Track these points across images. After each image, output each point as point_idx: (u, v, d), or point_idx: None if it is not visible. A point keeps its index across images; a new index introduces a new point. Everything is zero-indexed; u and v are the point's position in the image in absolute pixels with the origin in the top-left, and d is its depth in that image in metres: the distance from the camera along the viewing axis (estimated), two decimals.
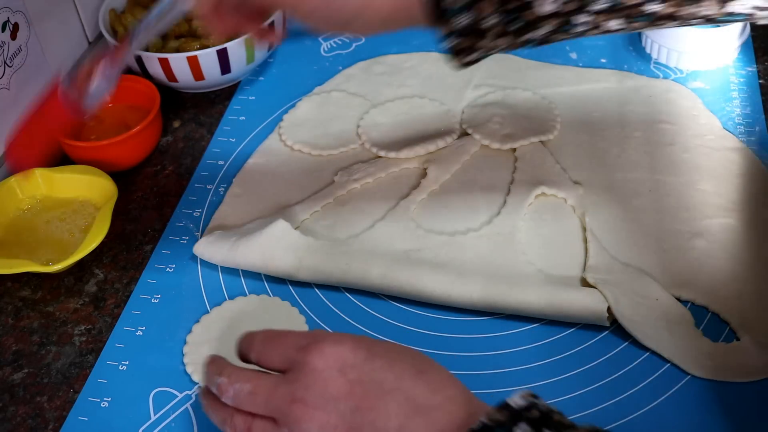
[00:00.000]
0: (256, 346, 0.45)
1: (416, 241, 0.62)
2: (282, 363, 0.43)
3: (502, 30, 0.45)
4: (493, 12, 0.45)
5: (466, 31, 0.46)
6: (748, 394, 0.51)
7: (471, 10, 0.45)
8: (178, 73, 0.74)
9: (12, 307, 0.61)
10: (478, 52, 0.47)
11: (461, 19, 0.45)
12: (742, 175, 0.65)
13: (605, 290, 0.55)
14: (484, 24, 0.45)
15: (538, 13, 0.44)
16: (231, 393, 0.43)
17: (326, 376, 0.41)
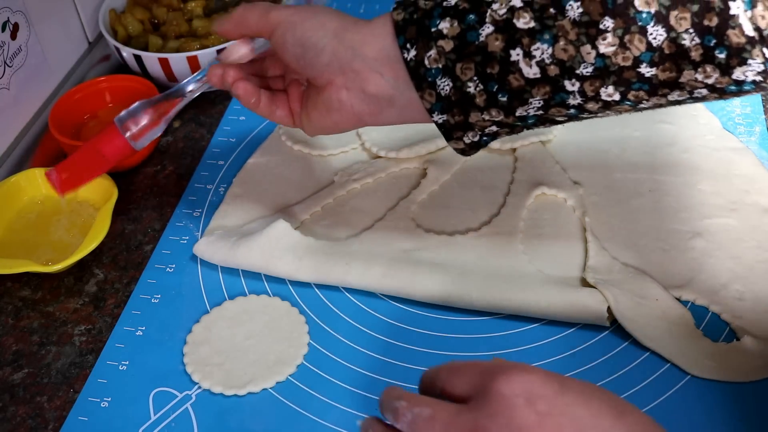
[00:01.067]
0: (442, 374, 0.42)
1: (416, 241, 0.62)
2: (466, 390, 0.40)
3: (490, 99, 0.44)
4: (474, 76, 0.44)
5: (453, 104, 0.45)
6: (748, 394, 0.51)
7: (451, 74, 0.44)
8: (178, 73, 0.74)
9: (12, 307, 0.61)
10: (474, 132, 0.47)
11: (443, 85, 0.45)
12: (742, 175, 0.65)
13: (605, 290, 0.55)
14: (468, 89, 0.44)
15: (523, 78, 0.43)
16: (409, 417, 0.40)
17: (512, 404, 0.37)
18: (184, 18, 0.78)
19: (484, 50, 0.43)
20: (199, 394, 0.54)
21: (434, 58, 0.44)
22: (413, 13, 0.45)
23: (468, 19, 0.43)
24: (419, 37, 0.45)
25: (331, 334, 0.57)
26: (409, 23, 0.45)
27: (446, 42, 0.44)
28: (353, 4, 0.91)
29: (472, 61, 0.44)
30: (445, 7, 0.44)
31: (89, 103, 0.74)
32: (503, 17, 0.43)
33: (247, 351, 0.55)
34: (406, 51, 0.45)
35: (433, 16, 0.44)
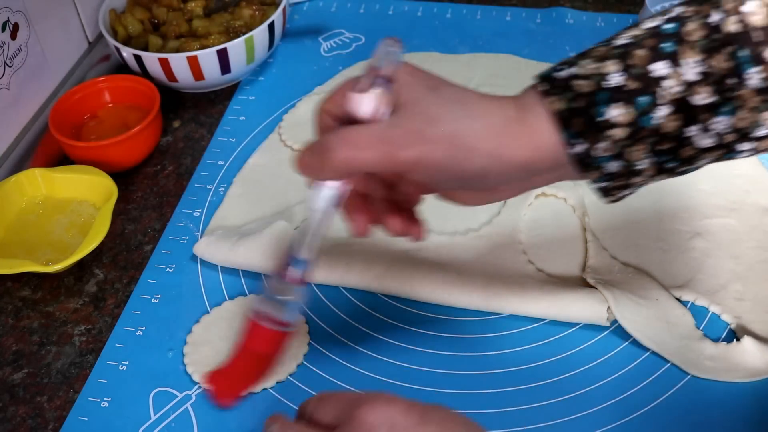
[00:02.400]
0: (311, 404, 0.44)
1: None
2: (334, 418, 0.42)
3: (657, 169, 0.40)
4: (645, 156, 0.39)
5: (617, 175, 0.41)
6: (748, 394, 0.51)
7: (621, 158, 0.40)
8: (178, 73, 0.74)
9: (12, 307, 0.61)
10: (632, 189, 0.43)
11: (611, 167, 0.40)
12: (742, 175, 0.65)
13: (605, 290, 0.55)
14: (637, 167, 0.40)
15: (696, 148, 0.39)
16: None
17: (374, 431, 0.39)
18: (184, 18, 0.78)
19: (659, 132, 0.39)
20: (199, 394, 0.54)
21: (605, 149, 0.39)
22: (573, 100, 0.39)
23: (640, 103, 0.38)
24: (587, 130, 0.39)
25: (331, 334, 0.57)
26: (572, 114, 0.39)
27: (618, 130, 0.39)
28: (353, 4, 0.91)
29: (645, 143, 0.39)
30: (609, 89, 0.39)
31: (89, 103, 0.74)
32: (679, 96, 0.38)
33: None
34: (572, 146, 0.40)
35: (598, 103, 0.39)
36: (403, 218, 0.46)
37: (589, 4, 0.89)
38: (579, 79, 0.39)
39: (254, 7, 0.78)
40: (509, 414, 0.51)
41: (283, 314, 0.45)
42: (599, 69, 0.39)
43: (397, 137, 0.40)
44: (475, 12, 0.88)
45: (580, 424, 0.50)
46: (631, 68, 0.38)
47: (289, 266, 0.45)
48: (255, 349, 0.47)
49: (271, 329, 0.46)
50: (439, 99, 0.41)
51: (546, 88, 0.40)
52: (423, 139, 0.40)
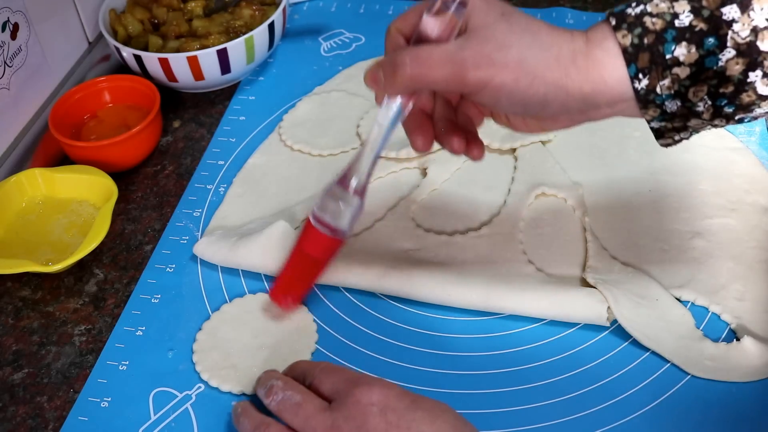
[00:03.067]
0: (315, 371, 0.48)
1: (416, 241, 0.62)
2: (331, 392, 0.46)
3: (714, 112, 0.41)
4: (705, 97, 0.40)
5: (676, 115, 0.42)
6: (748, 394, 0.51)
7: (682, 97, 0.40)
8: (178, 73, 0.74)
9: (12, 307, 0.61)
10: (687, 132, 0.43)
11: (670, 105, 0.41)
12: (742, 175, 0.65)
13: (605, 290, 0.55)
14: (697, 108, 0.41)
15: (756, 94, 0.40)
16: (280, 397, 0.46)
17: (367, 411, 0.43)
18: (184, 18, 0.78)
19: (722, 74, 0.39)
20: (199, 394, 0.54)
21: (667, 86, 0.40)
22: (642, 36, 0.40)
23: (707, 44, 0.39)
24: (652, 66, 0.40)
25: (330, 334, 0.57)
26: (639, 49, 0.40)
27: (682, 69, 0.40)
28: (353, 4, 0.91)
29: (707, 84, 0.40)
30: (678, 28, 0.39)
31: (89, 103, 0.74)
32: (746, 40, 0.38)
33: (258, 349, 0.55)
34: (637, 81, 0.41)
35: (666, 40, 0.40)
36: (463, 137, 0.47)
37: (589, 4, 0.89)
38: (650, 17, 0.40)
39: (254, 7, 0.78)
40: (509, 414, 0.51)
41: (338, 222, 0.49)
42: (670, 8, 0.40)
43: (467, 58, 0.41)
44: None
45: (580, 424, 0.50)
46: (701, 9, 0.39)
47: (350, 177, 0.47)
48: (309, 252, 0.51)
49: (326, 235, 0.49)
50: (510, 26, 0.42)
51: (616, 23, 0.41)
52: (492, 62, 0.41)
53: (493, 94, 0.41)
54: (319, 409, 0.44)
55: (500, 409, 0.51)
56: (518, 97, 0.41)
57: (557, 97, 0.41)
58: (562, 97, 0.41)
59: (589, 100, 0.42)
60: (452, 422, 0.43)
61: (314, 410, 0.44)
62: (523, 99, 0.41)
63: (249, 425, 0.47)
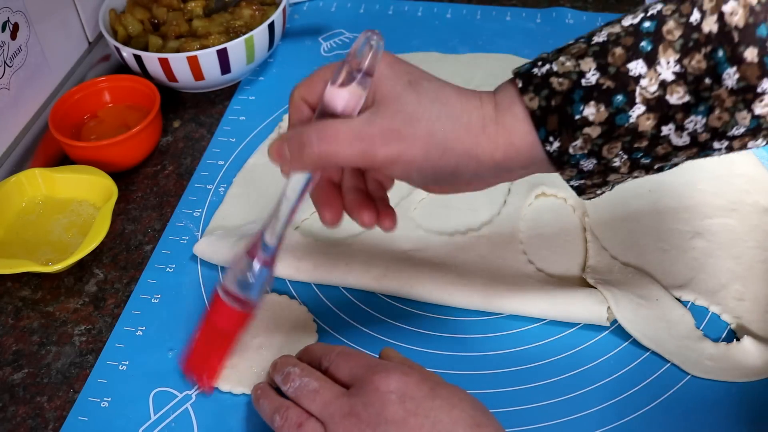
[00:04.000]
0: (332, 356, 0.48)
1: (416, 241, 0.62)
2: (349, 378, 0.46)
3: (631, 166, 0.41)
4: (620, 153, 0.40)
5: (593, 173, 0.41)
6: (748, 394, 0.51)
7: (596, 156, 0.40)
8: (178, 73, 0.74)
9: (12, 307, 0.61)
10: (608, 186, 0.43)
11: (586, 164, 0.41)
12: (742, 175, 0.65)
13: (605, 290, 0.55)
14: (613, 164, 0.40)
15: (671, 146, 0.39)
16: (297, 384, 0.46)
17: (386, 399, 0.43)
18: (184, 18, 0.78)
19: (634, 131, 0.39)
20: (199, 394, 0.54)
21: (580, 147, 0.40)
22: (549, 98, 0.39)
23: (615, 102, 0.38)
24: (562, 129, 0.40)
25: (331, 334, 0.57)
26: (547, 112, 0.40)
27: (593, 128, 0.39)
28: (353, 4, 0.91)
29: (620, 141, 0.39)
30: (585, 87, 0.39)
31: (89, 103, 0.74)
32: (655, 95, 0.38)
33: (258, 349, 0.55)
34: (548, 144, 0.40)
35: (574, 101, 0.39)
36: (373, 209, 0.46)
37: (589, 4, 0.89)
38: (556, 77, 0.39)
39: (254, 7, 0.78)
40: (509, 414, 0.51)
41: (248, 294, 0.48)
42: (576, 67, 0.39)
43: (376, 135, 0.40)
44: (475, 12, 0.88)
45: (580, 424, 0.50)
46: (608, 67, 0.38)
47: (259, 248, 0.46)
48: (218, 325, 0.50)
49: (235, 308, 0.48)
50: (419, 96, 0.41)
51: (523, 85, 0.40)
52: (401, 137, 0.40)
53: (404, 168, 0.41)
54: (337, 395, 0.44)
55: (500, 409, 0.51)
56: (429, 170, 0.41)
57: (469, 166, 0.41)
58: (474, 166, 0.41)
59: (502, 165, 0.41)
60: (470, 411, 0.43)
61: (332, 396, 0.44)
62: (434, 171, 0.41)
63: (268, 408, 0.47)
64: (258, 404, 0.49)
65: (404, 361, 0.49)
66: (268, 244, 0.46)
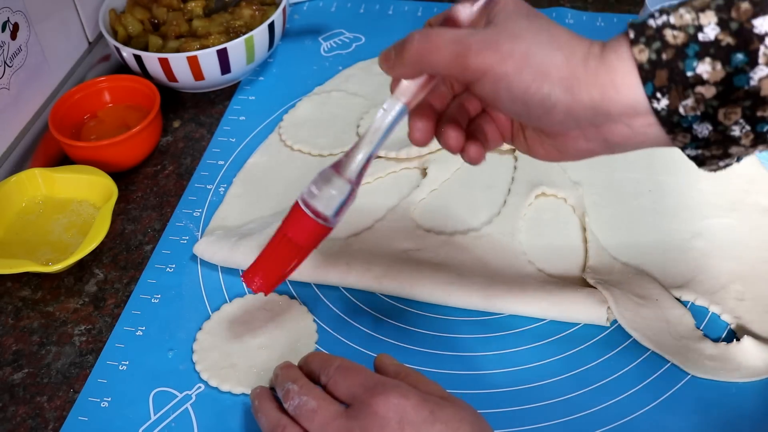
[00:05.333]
0: (331, 371, 0.47)
1: (416, 241, 0.62)
2: (347, 396, 0.45)
3: (756, 137, 0.36)
4: (741, 120, 0.36)
5: (711, 142, 0.37)
6: (748, 394, 0.51)
7: (712, 120, 0.36)
8: (178, 73, 0.74)
9: (12, 307, 0.61)
10: (731, 158, 0.39)
11: (701, 129, 0.37)
12: (742, 175, 0.65)
13: (605, 290, 0.55)
14: (733, 132, 0.36)
15: None
16: (296, 402, 0.46)
17: (384, 423, 0.42)
18: (184, 18, 0.78)
19: (756, 95, 0.35)
20: (199, 394, 0.54)
21: (692, 107, 0.36)
22: (660, 51, 0.36)
23: (735, 60, 0.35)
24: (672, 84, 0.36)
25: (330, 334, 0.57)
26: (657, 66, 0.36)
27: (707, 88, 0.35)
28: (353, 4, 0.91)
29: (740, 106, 0.35)
30: (702, 42, 0.35)
31: (89, 103, 0.74)
32: None
33: (258, 349, 0.55)
34: (656, 100, 0.37)
35: (687, 56, 0.35)
36: (462, 134, 0.44)
37: (589, 4, 0.89)
38: (671, 29, 0.36)
39: (254, 7, 0.78)
40: (509, 414, 0.51)
41: (327, 208, 0.45)
42: (695, 20, 0.36)
43: (473, 43, 0.39)
44: None
45: (580, 424, 0.50)
46: (729, 21, 0.35)
47: (345, 166, 0.45)
48: (291, 236, 0.47)
49: (312, 219, 0.46)
50: (530, 23, 0.40)
51: (635, 36, 0.37)
52: (497, 49, 0.38)
53: (494, 84, 0.39)
54: (335, 415, 0.44)
55: (500, 409, 0.51)
56: (520, 92, 0.38)
57: (562, 99, 0.38)
58: (568, 100, 0.38)
59: (599, 108, 0.38)
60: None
61: (330, 417, 0.44)
62: (524, 95, 0.38)
63: (266, 425, 0.47)
64: (256, 417, 0.48)
65: (399, 371, 0.47)
66: (354, 163, 0.45)
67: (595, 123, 0.39)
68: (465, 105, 0.46)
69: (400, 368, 0.48)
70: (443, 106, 0.45)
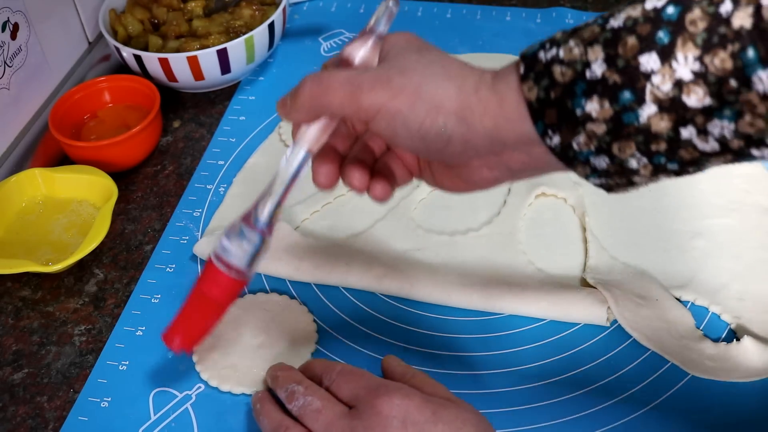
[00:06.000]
0: (333, 375, 0.47)
1: (416, 241, 0.62)
2: (350, 398, 0.45)
3: (655, 169, 0.36)
4: (637, 155, 0.35)
5: (612, 173, 0.37)
6: (748, 394, 0.51)
7: (608, 154, 0.36)
8: (178, 73, 0.74)
9: (12, 307, 0.61)
10: (635, 185, 0.38)
11: (599, 162, 0.36)
12: (742, 175, 0.65)
13: (605, 291, 0.55)
14: (630, 165, 0.36)
15: (698, 151, 0.34)
16: (300, 402, 0.46)
17: (388, 423, 0.42)
18: (184, 18, 0.78)
19: (647, 131, 0.34)
20: (199, 394, 0.54)
21: (584, 143, 0.36)
22: (548, 89, 0.36)
23: (622, 99, 0.34)
24: (562, 123, 0.36)
25: (330, 334, 0.57)
26: (545, 104, 0.36)
27: (597, 125, 0.35)
28: (353, 4, 0.91)
29: (632, 141, 0.35)
30: (589, 81, 0.35)
31: (89, 103, 0.74)
32: (668, 95, 0.33)
33: (258, 349, 0.55)
34: (548, 138, 0.37)
35: (575, 94, 0.35)
36: (367, 174, 0.44)
37: (589, 4, 0.89)
38: (560, 65, 0.36)
39: (254, 7, 0.78)
40: (509, 414, 0.51)
41: (239, 262, 0.46)
42: (583, 56, 0.35)
43: (364, 81, 0.39)
44: (475, 12, 0.88)
45: (580, 424, 0.50)
46: (616, 58, 0.34)
47: (256, 215, 0.45)
48: (207, 293, 0.47)
49: (227, 275, 0.46)
50: (419, 57, 0.40)
51: (524, 71, 0.37)
52: (389, 86, 0.39)
53: (390, 121, 0.39)
54: (340, 415, 0.44)
55: (500, 409, 0.52)
56: (415, 126, 0.38)
57: (457, 130, 0.38)
58: (463, 131, 0.38)
59: (495, 137, 0.38)
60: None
61: (334, 416, 0.44)
62: (420, 130, 0.38)
63: (268, 426, 0.47)
64: (258, 419, 0.49)
65: (406, 372, 0.48)
66: (263, 215, 0.45)
67: (494, 151, 0.39)
68: (369, 144, 0.45)
69: (407, 370, 0.48)
70: (347, 148, 0.45)
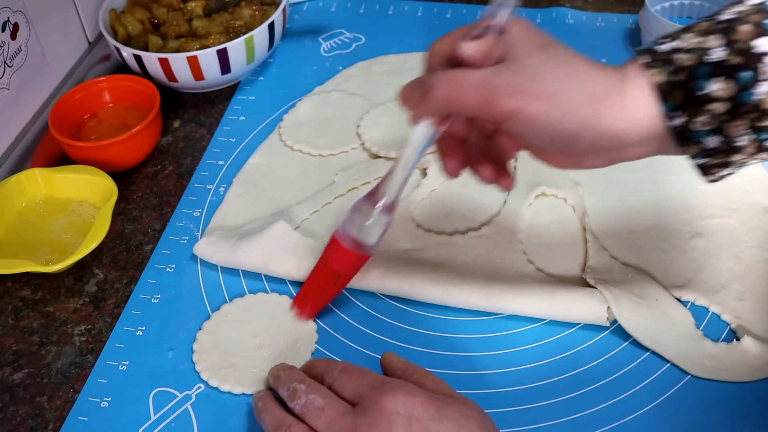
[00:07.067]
0: (335, 374, 0.47)
1: (416, 241, 0.62)
2: (353, 395, 0.45)
3: (758, 147, 0.40)
4: (745, 132, 0.39)
5: (717, 151, 0.41)
6: (748, 394, 0.51)
7: (720, 133, 0.40)
8: (178, 73, 0.74)
9: (12, 307, 0.61)
10: (731, 167, 0.42)
11: (710, 142, 0.40)
12: (742, 175, 0.65)
13: (605, 290, 0.55)
14: (737, 143, 0.40)
15: None
16: (303, 401, 0.46)
17: (393, 420, 0.42)
18: (184, 18, 0.78)
19: (759, 107, 0.39)
20: (199, 394, 0.54)
21: (705, 122, 0.40)
22: (674, 73, 0.40)
23: (742, 78, 0.38)
24: (687, 103, 0.40)
25: (330, 334, 0.57)
26: (673, 87, 0.40)
27: (719, 104, 0.39)
28: (353, 4, 0.91)
29: (746, 119, 0.39)
30: (712, 63, 0.39)
31: (89, 103, 0.74)
32: None
33: (258, 349, 0.55)
34: (672, 118, 0.40)
35: (700, 76, 0.39)
36: (494, 166, 0.47)
37: (589, 4, 0.89)
38: (680, 53, 0.40)
39: (254, 7, 0.78)
40: (509, 414, 0.51)
41: (365, 238, 0.51)
42: (701, 43, 0.39)
43: (499, 86, 0.40)
44: (475, 12, 0.88)
45: (580, 424, 0.50)
46: (733, 43, 0.39)
47: (380, 194, 0.49)
48: (333, 266, 0.53)
49: (351, 250, 0.51)
50: (547, 57, 0.42)
51: (647, 61, 0.41)
52: (523, 92, 0.40)
53: (523, 125, 0.41)
54: (342, 412, 0.44)
55: (500, 409, 0.52)
56: (548, 130, 0.41)
57: (587, 133, 0.41)
58: (593, 135, 0.41)
59: (621, 139, 0.41)
60: None
61: (337, 414, 0.44)
62: (552, 133, 0.41)
63: (270, 424, 0.47)
64: (260, 418, 0.49)
65: (406, 368, 0.48)
66: (388, 192, 0.49)
67: (616, 149, 0.43)
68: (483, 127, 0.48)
69: (407, 365, 0.49)
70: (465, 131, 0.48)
